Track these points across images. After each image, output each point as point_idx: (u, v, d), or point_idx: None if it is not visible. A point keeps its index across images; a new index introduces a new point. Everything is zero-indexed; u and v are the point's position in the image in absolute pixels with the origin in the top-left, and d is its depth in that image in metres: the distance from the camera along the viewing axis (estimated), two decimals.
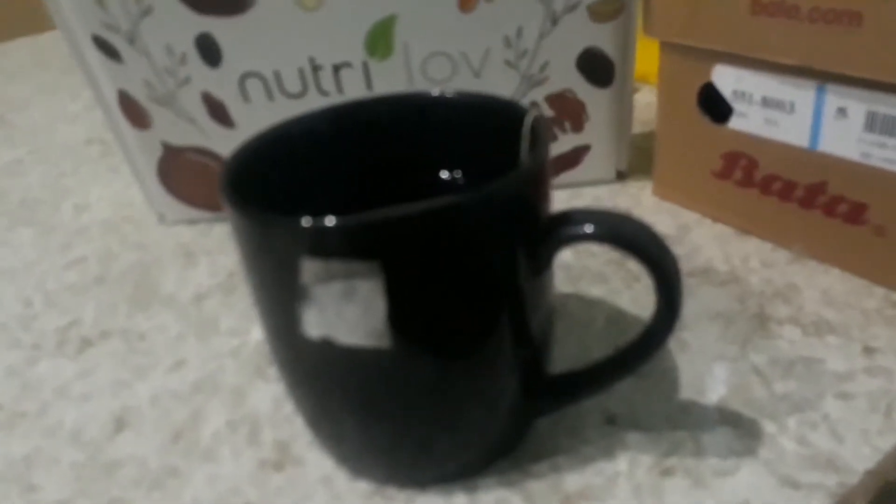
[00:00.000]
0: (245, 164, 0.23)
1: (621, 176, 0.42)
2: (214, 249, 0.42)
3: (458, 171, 0.28)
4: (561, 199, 0.41)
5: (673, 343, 0.30)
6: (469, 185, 0.28)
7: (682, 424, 0.26)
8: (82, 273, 0.41)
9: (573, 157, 0.41)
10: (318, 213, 0.24)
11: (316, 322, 0.20)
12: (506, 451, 0.26)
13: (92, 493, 0.27)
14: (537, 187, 0.22)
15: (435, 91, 0.27)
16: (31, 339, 0.36)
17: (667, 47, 0.36)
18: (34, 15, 1.00)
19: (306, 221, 0.19)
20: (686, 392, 0.28)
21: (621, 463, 0.25)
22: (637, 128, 0.41)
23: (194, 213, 0.44)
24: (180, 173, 0.43)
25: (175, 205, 0.44)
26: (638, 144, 0.42)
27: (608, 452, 0.26)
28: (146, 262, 0.42)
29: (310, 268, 0.19)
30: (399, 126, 0.27)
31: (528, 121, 0.23)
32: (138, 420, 0.30)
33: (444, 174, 0.28)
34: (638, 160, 0.43)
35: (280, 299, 0.21)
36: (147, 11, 0.36)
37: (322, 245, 0.19)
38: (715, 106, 0.35)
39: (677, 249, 0.36)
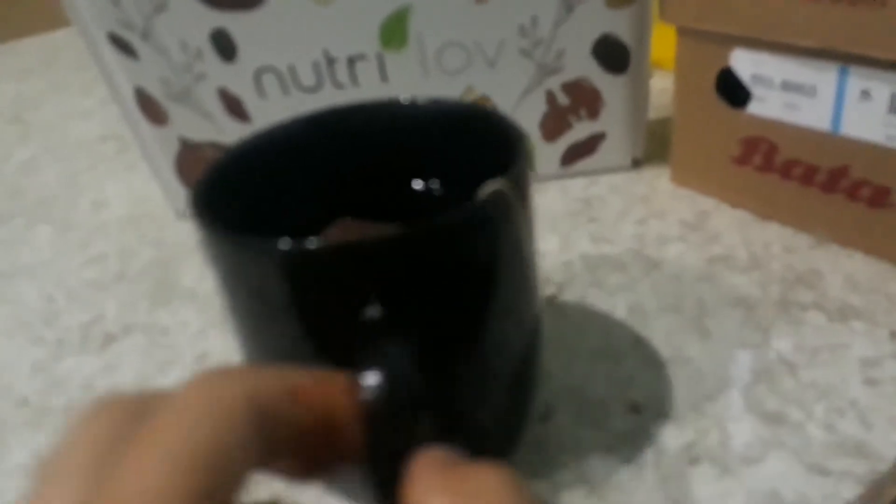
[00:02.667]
0: (216, 179, 0.22)
1: (637, 163, 0.42)
2: None
3: (435, 180, 0.27)
4: (577, 187, 0.41)
5: (695, 330, 0.30)
6: (445, 195, 0.27)
7: (707, 413, 0.26)
8: (102, 270, 0.42)
9: (589, 145, 0.40)
10: (293, 226, 0.23)
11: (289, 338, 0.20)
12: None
13: None
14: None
15: (408, 99, 0.26)
16: (55, 335, 0.37)
17: (683, 32, 0.35)
18: (45, 13, 1.00)
19: (283, 244, 0.18)
20: (710, 380, 0.28)
21: (647, 452, 0.25)
22: (652, 114, 0.41)
23: None
24: (198, 169, 0.43)
25: None
26: (653, 131, 0.42)
27: (633, 442, 0.26)
28: (165, 258, 0.42)
29: (282, 288, 0.18)
30: (373, 134, 0.26)
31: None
32: None
33: (419, 184, 0.28)
34: (653, 147, 0.42)
35: (253, 319, 0.20)
36: (161, 7, 0.36)
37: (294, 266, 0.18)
38: (733, 91, 0.35)
39: (695, 236, 0.35)
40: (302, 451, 0.16)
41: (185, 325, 0.36)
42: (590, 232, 0.37)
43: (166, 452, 0.13)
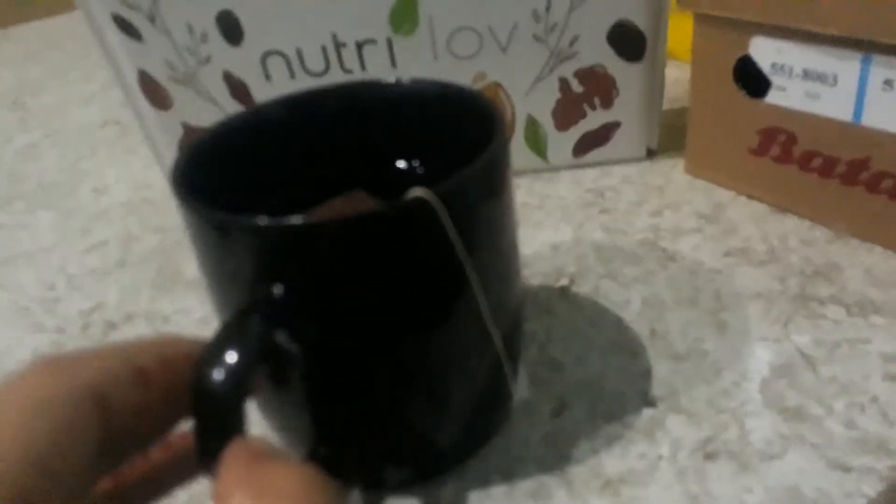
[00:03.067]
0: (198, 157, 0.22)
1: (651, 153, 0.41)
2: None
3: (416, 159, 0.27)
4: (590, 178, 0.40)
5: (712, 324, 0.29)
6: (426, 175, 0.27)
7: (724, 407, 0.26)
8: (104, 257, 0.41)
9: (602, 135, 0.40)
10: (275, 206, 0.23)
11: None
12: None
13: None
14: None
15: (389, 78, 0.26)
16: (55, 322, 0.36)
17: (701, 19, 0.34)
18: None
19: (261, 220, 0.18)
20: (728, 374, 0.27)
21: (663, 446, 0.25)
22: (665, 104, 0.40)
23: None
24: None
25: None
26: (666, 121, 0.41)
27: (649, 436, 0.25)
28: (167, 245, 0.41)
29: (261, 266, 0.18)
30: (356, 114, 0.26)
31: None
32: None
33: (402, 163, 0.27)
34: (667, 138, 0.41)
35: (233, 296, 0.20)
36: None
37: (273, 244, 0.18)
38: (752, 80, 0.34)
39: (711, 228, 0.35)
40: (154, 432, 0.17)
41: (187, 313, 0.35)
42: (603, 223, 0.36)
43: None
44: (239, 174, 0.24)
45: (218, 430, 0.16)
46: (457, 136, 0.24)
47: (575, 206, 0.38)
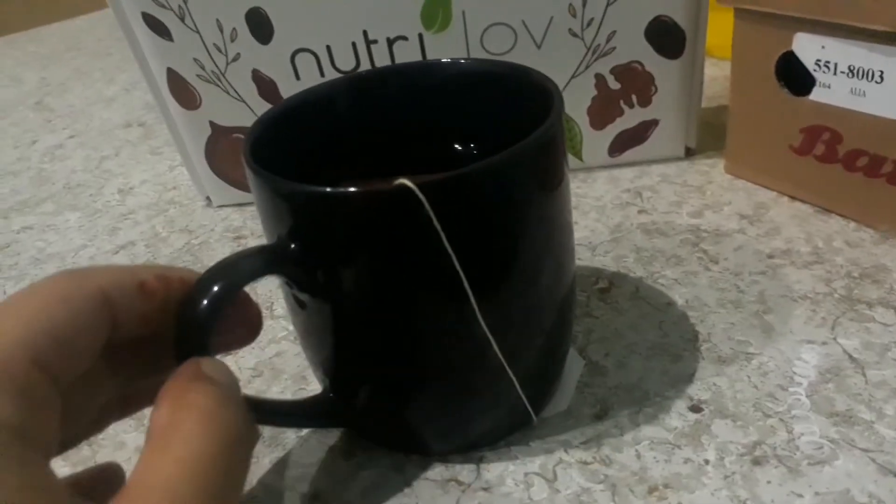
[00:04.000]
0: (265, 133, 0.24)
1: (690, 152, 0.40)
2: (264, 233, 0.41)
3: (474, 141, 0.28)
4: (627, 177, 0.39)
5: (757, 326, 0.28)
6: (480, 155, 0.28)
7: (771, 412, 0.25)
8: (132, 257, 0.41)
9: (640, 133, 0.39)
10: (335, 178, 0.25)
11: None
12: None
13: None
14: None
15: (448, 59, 0.27)
16: None
17: (742, 14, 0.34)
18: (66, 0, 1.00)
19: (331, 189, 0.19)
20: (774, 378, 0.26)
21: (709, 451, 0.24)
22: (703, 102, 0.39)
23: (242, 195, 0.43)
24: (228, 154, 0.42)
25: (222, 187, 0.43)
26: (704, 120, 0.40)
27: (694, 441, 0.24)
28: (195, 247, 0.41)
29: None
30: (419, 94, 0.27)
31: None
32: None
33: (458, 146, 0.28)
34: (705, 136, 0.41)
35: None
36: None
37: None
38: (795, 77, 0.33)
39: (754, 229, 0.34)
40: (152, 349, 0.20)
41: None
42: (642, 224, 0.35)
43: (12, 327, 0.16)
44: (304, 146, 0.26)
45: (188, 343, 0.19)
46: (513, 116, 0.24)
47: (612, 206, 0.37)
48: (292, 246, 0.21)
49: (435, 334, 0.22)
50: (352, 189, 0.20)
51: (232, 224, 0.42)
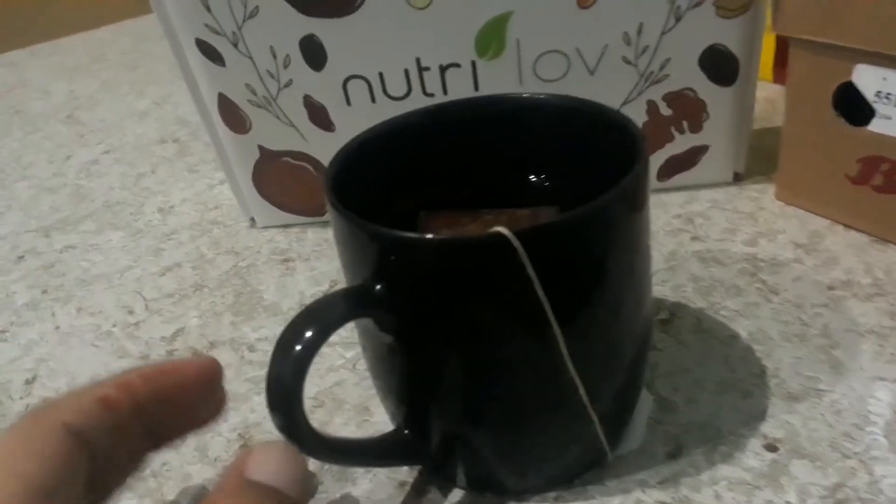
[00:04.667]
0: (346, 164, 0.24)
1: (738, 178, 0.40)
2: (311, 256, 0.41)
3: (546, 173, 0.28)
4: (676, 203, 0.39)
5: (825, 362, 0.28)
6: (554, 189, 0.28)
7: (850, 452, 0.25)
8: (179, 280, 0.41)
9: (689, 158, 0.39)
10: (412, 208, 0.27)
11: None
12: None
13: None
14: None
15: (527, 93, 0.27)
16: (139, 349, 0.36)
17: (800, 44, 0.34)
18: (89, 10, 1.00)
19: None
20: (848, 416, 0.26)
21: (790, 493, 0.24)
22: None
23: (288, 217, 0.43)
24: (276, 178, 0.42)
25: (268, 209, 0.43)
26: (751, 144, 0.40)
27: (773, 482, 0.24)
28: (242, 269, 0.41)
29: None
30: (494, 125, 0.27)
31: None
32: (263, 436, 0.29)
33: (532, 177, 0.29)
34: (752, 161, 0.41)
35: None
36: (253, 13, 0.35)
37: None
38: (854, 108, 0.33)
39: (811, 259, 0.34)
40: (131, 455, 0.20)
41: (272, 341, 0.34)
42: (697, 252, 0.35)
43: None
44: (380, 177, 0.26)
45: (280, 396, 0.20)
46: (597, 158, 0.24)
47: (664, 232, 0.37)
48: (377, 287, 0.21)
49: (521, 378, 0.22)
50: (447, 237, 0.20)
51: (278, 246, 0.42)
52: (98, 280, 0.42)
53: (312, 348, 0.20)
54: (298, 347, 0.20)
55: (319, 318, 0.21)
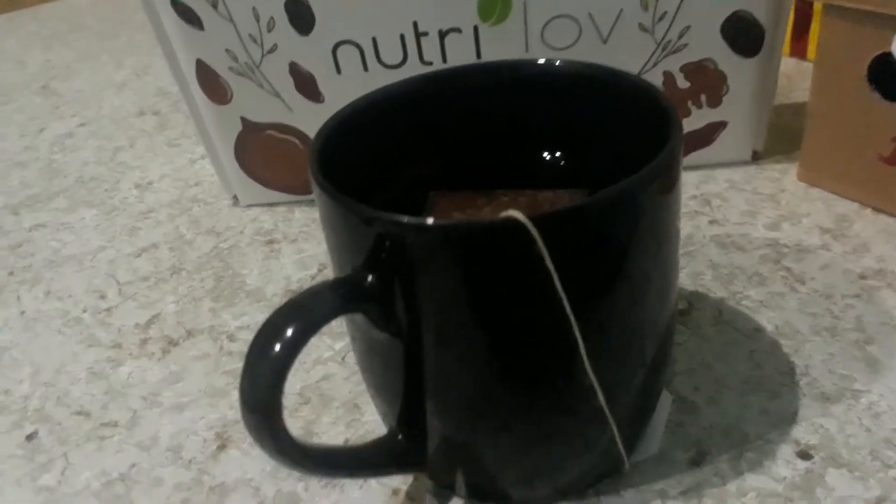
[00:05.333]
0: (335, 136, 0.21)
1: (756, 157, 0.37)
2: (298, 237, 0.38)
3: (558, 149, 0.26)
4: (690, 183, 0.37)
5: (860, 359, 0.26)
6: (570, 166, 0.25)
7: (892, 461, 0.22)
8: (156, 262, 0.38)
9: (706, 135, 0.36)
10: (414, 182, 0.24)
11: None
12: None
13: None
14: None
15: (542, 59, 0.24)
16: (111, 337, 0.33)
17: (833, 11, 0.31)
18: None
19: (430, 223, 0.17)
20: (888, 421, 0.24)
21: None
22: None
23: (273, 195, 0.40)
24: (260, 152, 0.39)
25: (252, 186, 0.40)
26: (770, 121, 0.37)
27: (808, 493, 0.22)
28: (224, 251, 0.38)
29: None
30: (502, 95, 0.24)
31: None
32: (242, 436, 0.27)
33: (546, 154, 0.26)
34: (769, 139, 0.38)
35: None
36: None
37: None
38: (890, 81, 0.30)
39: (839, 245, 0.31)
40: None
41: (254, 330, 0.32)
42: (715, 236, 0.33)
43: None
44: (375, 150, 0.23)
45: (255, 398, 0.17)
46: (618, 132, 0.22)
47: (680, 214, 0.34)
48: (370, 279, 0.18)
49: (532, 378, 0.19)
50: (450, 222, 0.17)
51: (262, 226, 0.39)
52: (68, 261, 0.39)
53: (294, 348, 0.17)
54: (278, 347, 0.17)
55: (303, 314, 0.18)
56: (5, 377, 0.32)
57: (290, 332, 0.17)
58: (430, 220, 0.17)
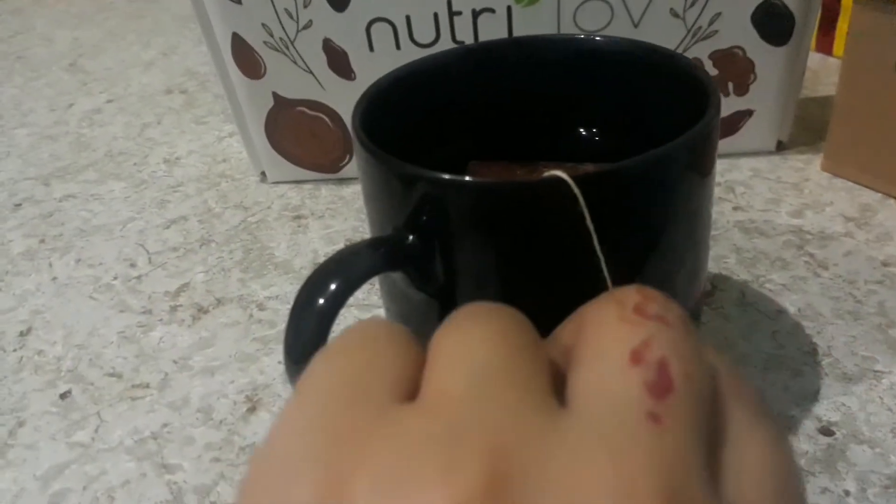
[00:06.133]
0: (377, 101, 0.22)
1: (781, 147, 0.38)
2: (325, 213, 0.39)
3: (594, 126, 0.26)
4: (716, 171, 0.37)
5: (882, 342, 0.26)
6: (606, 144, 0.25)
7: None
8: (185, 233, 0.38)
9: (732, 124, 0.36)
10: (447, 159, 0.23)
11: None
12: None
13: (233, 478, 0.25)
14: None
15: (581, 35, 0.25)
16: (141, 303, 0.34)
17: (862, 1, 0.31)
18: None
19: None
20: None
21: (849, 481, 0.22)
22: None
23: (300, 172, 0.41)
24: (290, 129, 0.39)
25: (280, 163, 0.41)
26: (795, 113, 0.38)
27: (830, 468, 0.22)
28: (252, 225, 0.39)
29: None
30: (541, 71, 0.25)
31: None
32: (272, 399, 0.27)
33: (582, 130, 0.26)
34: (795, 130, 0.38)
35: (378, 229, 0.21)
36: None
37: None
38: None
39: (862, 233, 0.31)
40: None
41: (283, 300, 0.33)
42: (739, 222, 0.33)
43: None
44: (412, 120, 0.24)
45: (301, 352, 0.18)
46: (656, 110, 0.22)
47: None
48: (411, 238, 0.19)
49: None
50: (495, 180, 0.18)
51: (290, 202, 0.40)
52: (99, 231, 0.40)
53: (338, 301, 0.18)
54: (322, 300, 0.18)
55: (346, 269, 0.18)
56: (38, 339, 0.32)
57: (333, 286, 0.18)
58: (472, 178, 0.17)
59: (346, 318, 0.31)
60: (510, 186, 0.17)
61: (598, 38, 0.24)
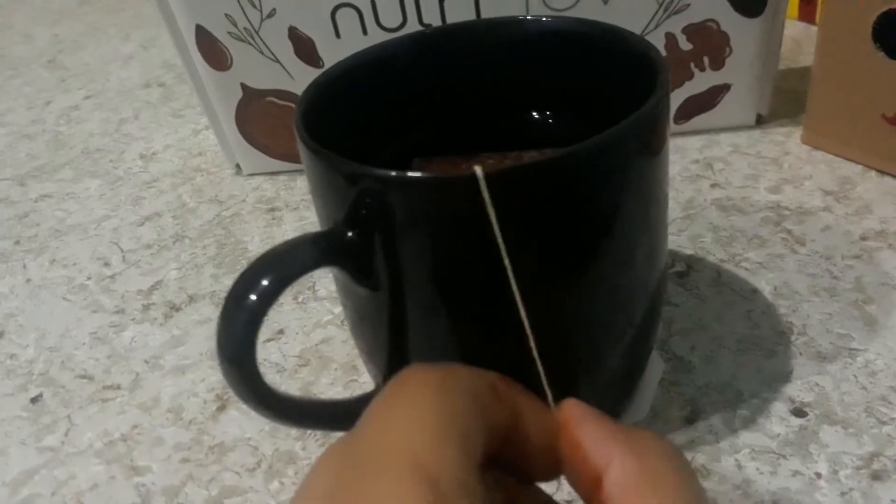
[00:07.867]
0: (322, 95, 0.21)
1: (760, 120, 0.37)
2: (300, 205, 0.38)
3: (547, 109, 0.25)
4: (694, 147, 0.36)
5: (857, 318, 0.26)
6: (559, 126, 0.25)
7: (886, 418, 0.22)
8: (159, 230, 0.38)
9: (709, 98, 0.36)
10: (400, 152, 0.23)
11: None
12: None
13: (202, 479, 0.24)
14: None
15: (529, 16, 0.24)
16: (114, 302, 0.33)
17: None
18: None
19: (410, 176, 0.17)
20: (884, 378, 0.24)
21: (820, 463, 0.21)
22: None
23: (274, 164, 0.41)
24: (260, 120, 0.39)
25: (254, 155, 0.40)
26: (775, 85, 0.37)
27: (801, 450, 0.22)
28: (226, 219, 0.38)
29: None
30: (490, 54, 0.24)
31: None
32: None
33: (535, 114, 0.25)
34: (776, 103, 0.37)
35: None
36: None
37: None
38: (894, 39, 0.30)
39: (841, 207, 0.31)
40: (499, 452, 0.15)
41: None
42: (716, 199, 0.32)
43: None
44: (362, 112, 0.23)
45: (231, 346, 0.17)
46: (611, 92, 0.21)
47: (681, 178, 0.34)
48: (349, 234, 0.18)
49: (475, 331, 0.19)
50: (415, 174, 0.17)
51: (264, 195, 0.40)
52: (73, 230, 0.39)
53: (269, 298, 0.17)
54: (253, 297, 0.17)
55: (280, 265, 0.18)
56: (11, 342, 0.32)
57: (265, 282, 0.17)
58: (392, 172, 0.17)
59: (319, 310, 0.30)
60: (421, 182, 0.17)
61: (546, 19, 0.23)
